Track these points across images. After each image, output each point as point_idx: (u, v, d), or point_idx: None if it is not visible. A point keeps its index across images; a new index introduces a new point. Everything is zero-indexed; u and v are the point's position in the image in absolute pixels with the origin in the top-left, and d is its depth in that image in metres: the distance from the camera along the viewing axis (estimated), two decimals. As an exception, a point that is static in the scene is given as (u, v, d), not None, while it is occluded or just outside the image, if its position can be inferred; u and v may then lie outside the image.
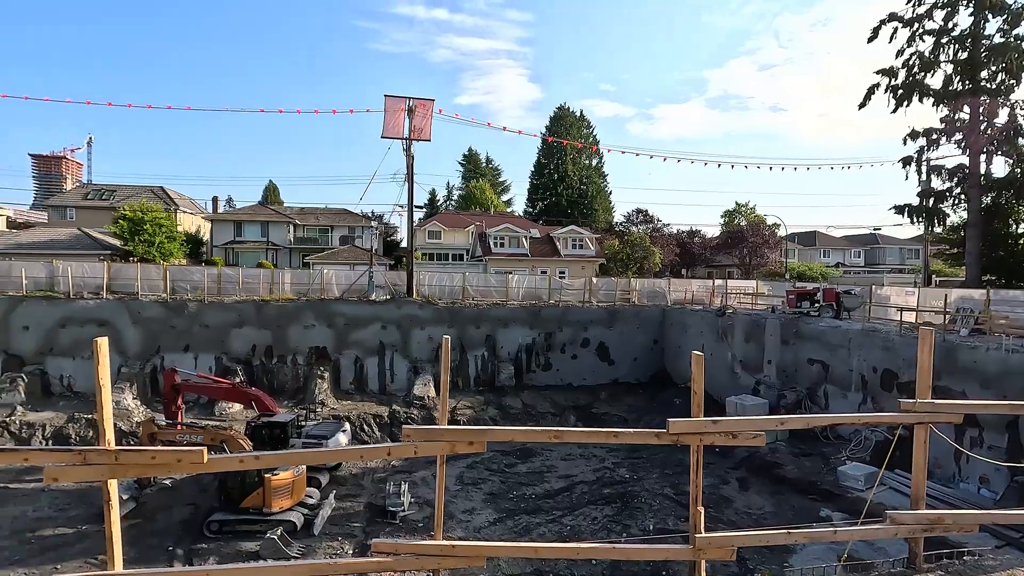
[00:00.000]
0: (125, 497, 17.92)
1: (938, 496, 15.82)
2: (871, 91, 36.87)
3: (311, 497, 18.44)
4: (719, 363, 28.64)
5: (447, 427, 4.44)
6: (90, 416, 24.21)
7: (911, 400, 4.83)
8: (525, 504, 19.59)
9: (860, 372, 21.52)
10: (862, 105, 37.21)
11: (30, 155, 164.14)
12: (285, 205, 60.49)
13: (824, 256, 70.20)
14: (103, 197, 52.33)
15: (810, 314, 25.68)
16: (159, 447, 4.91)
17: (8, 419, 23.48)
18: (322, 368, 28.41)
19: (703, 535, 4.44)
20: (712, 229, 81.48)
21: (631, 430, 5.20)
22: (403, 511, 18.12)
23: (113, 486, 4.43)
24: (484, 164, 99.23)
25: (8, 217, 67.93)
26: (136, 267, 29.69)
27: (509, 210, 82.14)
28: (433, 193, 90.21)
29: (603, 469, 22.84)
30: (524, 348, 31.60)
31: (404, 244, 72.25)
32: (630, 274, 43.48)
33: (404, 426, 4.88)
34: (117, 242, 38.27)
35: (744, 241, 57.57)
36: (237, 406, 26.18)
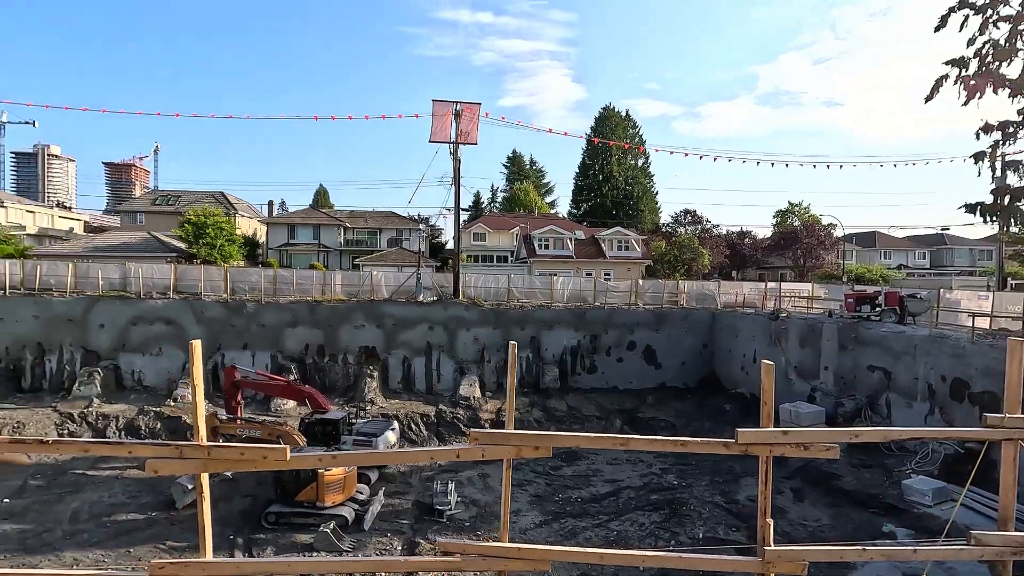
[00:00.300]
0: (190, 487, 18.88)
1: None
2: (939, 83, 34.72)
3: (361, 493, 18.93)
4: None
5: (514, 431, 4.49)
6: (158, 409, 25.65)
7: (998, 415, 4.57)
8: (571, 507, 19.51)
9: (927, 381, 20.38)
10: (929, 98, 34.98)
11: (104, 163, 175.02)
12: (335, 208, 62.28)
13: (885, 257, 66.82)
14: (169, 202, 55.34)
15: (871, 318, 24.53)
16: (244, 446, 5.16)
17: (86, 410, 25.10)
18: (371, 367, 29.11)
19: (773, 548, 4.33)
20: (763, 230, 78.99)
21: (698, 440, 5.12)
22: (450, 510, 18.37)
23: (206, 479, 4.70)
24: (528, 166, 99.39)
25: (86, 222, 72.87)
26: (199, 269, 31.25)
27: (553, 212, 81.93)
28: (477, 196, 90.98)
29: (650, 475, 22.49)
30: (569, 350, 31.47)
31: (449, 246, 73.28)
32: (677, 276, 42.60)
33: (472, 429, 4.97)
34: (182, 245, 40.40)
35: (798, 242, 55.48)
36: (291, 402, 27.12)
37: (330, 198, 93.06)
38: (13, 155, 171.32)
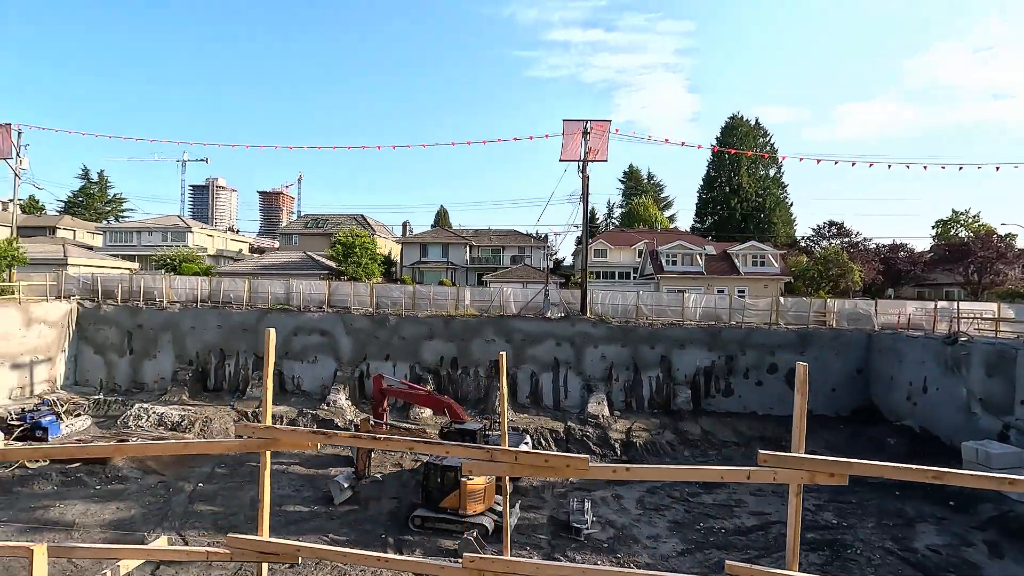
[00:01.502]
0: (345, 485, 20.55)
1: None
2: None
3: (499, 504, 19.34)
4: (947, 400, 24.31)
5: (805, 455, 4.32)
6: (314, 412, 28.31)
7: None
8: (715, 538, 18.40)
9: None
10: None
11: (258, 192, 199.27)
12: (460, 228, 65.40)
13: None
14: (318, 225, 61.65)
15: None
16: (548, 453, 5.59)
17: (257, 410, 28.38)
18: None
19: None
20: (919, 242, 69.89)
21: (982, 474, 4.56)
22: (587, 529, 18.15)
23: (506, 480, 5.08)
24: (646, 180, 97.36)
25: (250, 244, 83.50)
26: (349, 285, 34.33)
27: (673, 227, 79.23)
28: (592, 212, 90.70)
29: (802, 510, 20.55)
30: (702, 371, 29.98)
31: (566, 263, 73.59)
32: (822, 294, 38.98)
33: (762, 451, 4.87)
34: (332, 263, 44.73)
35: (970, 255, 48.30)
36: (427, 411, 28.65)
37: (450, 218, 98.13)
38: (191, 187, 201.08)
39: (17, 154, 35.03)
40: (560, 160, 29.21)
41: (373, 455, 22.40)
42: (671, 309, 31.98)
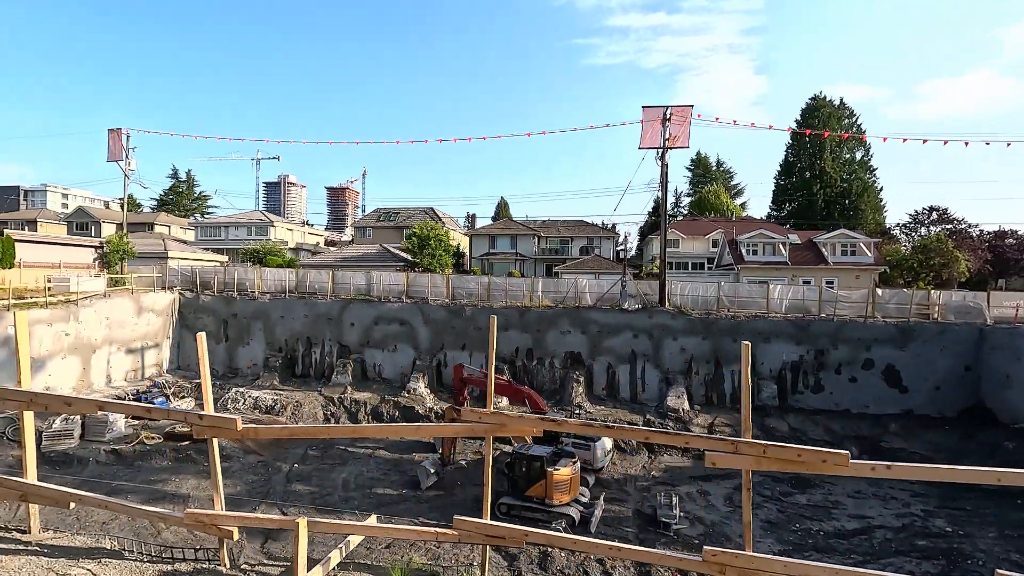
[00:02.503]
0: (432, 471, 21.11)
1: None
2: None
3: (583, 496, 19.28)
4: (1079, 402, 21.98)
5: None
6: (396, 399, 29.19)
7: None
8: (813, 540, 17.58)
9: None
10: None
11: (326, 188, 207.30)
12: (527, 219, 65.44)
13: None
14: (390, 218, 63.47)
15: None
16: (801, 447, 5.50)
17: (342, 395, 29.64)
18: (577, 372, 29.71)
19: None
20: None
21: None
22: (676, 523, 17.78)
23: (746, 477, 4.94)
24: (715, 167, 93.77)
25: (325, 238, 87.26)
26: (426, 277, 35.14)
27: (745, 215, 75.87)
28: (657, 201, 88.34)
29: (909, 515, 19.29)
30: (789, 366, 28.59)
31: (630, 254, 72.11)
32: (922, 284, 36.16)
33: None
34: (407, 255, 45.98)
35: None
36: (504, 401, 28.90)
37: (510, 210, 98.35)
38: (265, 184, 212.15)
39: (126, 156, 38.05)
40: (640, 148, 28.46)
41: (457, 443, 22.87)
42: (754, 301, 30.65)
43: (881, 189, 64.67)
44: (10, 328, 25.15)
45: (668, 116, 27.70)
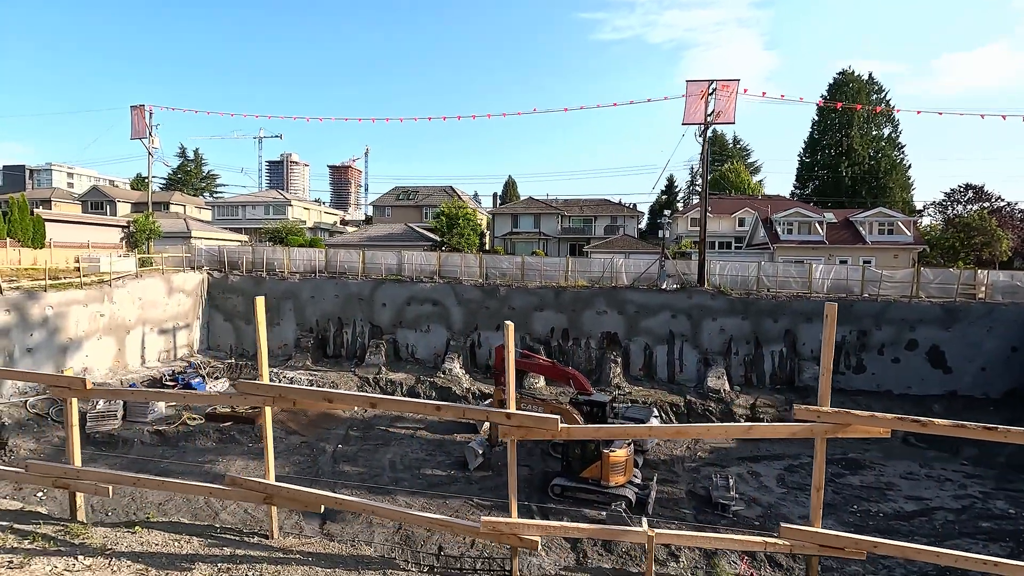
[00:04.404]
0: (479, 452, 20.97)
1: None
2: None
3: (636, 477, 19.09)
4: None
5: None
6: (431, 379, 29.03)
7: None
8: (873, 522, 17.35)
9: None
10: None
11: (328, 166, 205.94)
12: (548, 196, 64.56)
13: None
14: (409, 197, 62.79)
15: None
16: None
17: (377, 376, 29.51)
18: (614, 353, 29.41)
19: None
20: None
21: None
22: (735, 505, 17.60)
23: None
24: (731, 145, 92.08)
25: (342, 218, 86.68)
26: (459, 256, 34.71)
27: (763, 192, 74.61)
28: (670, 180, 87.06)
29: (967, 496, 19.01)
30: (830, 346, 28.12)
31: (660, 233, 71.20)
32: (961, 264, 35.41)
33: None
34: (433, 235, 45.51)
35: None
36: (540, 382, 28.72)
37: (517, 188, 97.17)
38: (267, 163, 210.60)
39: (150, 133, 37.55)
40: (683, 124, 27.65)
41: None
42: (796, 281, 30.09)
43: (909, 167, 63.27)
44: (48, 309, 25.03)
45: (712, 91, 26.83)
